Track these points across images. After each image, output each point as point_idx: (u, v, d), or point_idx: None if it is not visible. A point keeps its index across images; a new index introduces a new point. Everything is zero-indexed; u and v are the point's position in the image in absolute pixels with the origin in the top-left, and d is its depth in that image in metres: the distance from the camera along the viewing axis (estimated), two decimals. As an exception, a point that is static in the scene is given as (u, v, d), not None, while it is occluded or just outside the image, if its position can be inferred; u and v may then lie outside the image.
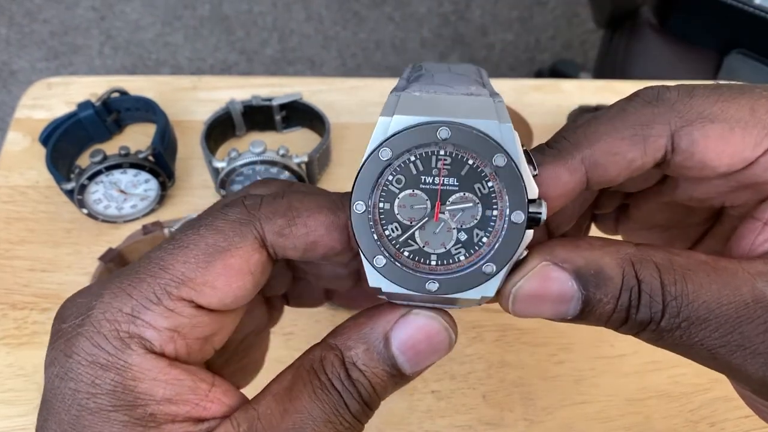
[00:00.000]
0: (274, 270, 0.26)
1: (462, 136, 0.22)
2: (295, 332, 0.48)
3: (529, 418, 0.44)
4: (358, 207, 0.22)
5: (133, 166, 0.52)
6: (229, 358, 0.29)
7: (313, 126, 0.61)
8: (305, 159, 0.53)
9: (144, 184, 0.54)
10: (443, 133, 0.22)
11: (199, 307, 0.23)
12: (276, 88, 0.63)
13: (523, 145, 0.22)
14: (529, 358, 0.47)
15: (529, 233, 0.22)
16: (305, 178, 0.54)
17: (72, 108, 0.58)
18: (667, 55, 0.91)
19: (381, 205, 0.22)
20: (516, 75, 1.66)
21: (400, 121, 0.22)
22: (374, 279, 0.22)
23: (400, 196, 0.22)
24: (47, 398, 0.22)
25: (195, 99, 0.64)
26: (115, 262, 0.50)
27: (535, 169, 0.22)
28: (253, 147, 0.52)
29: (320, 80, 0.65)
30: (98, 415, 0.21)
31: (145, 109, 0.60)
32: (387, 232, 0.22)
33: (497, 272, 0.22)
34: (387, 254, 0.22)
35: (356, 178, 0.22)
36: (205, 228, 0.23)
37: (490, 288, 0.22)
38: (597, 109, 0.59)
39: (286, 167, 0.52)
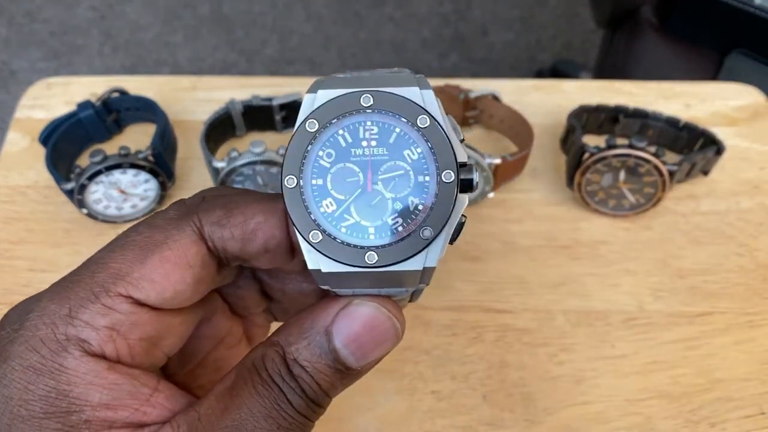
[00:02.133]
0: (227, 278, 0.26)
1: (385, 100, 0.22)
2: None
3: (530, 419, 0.44)
4: (289, 182, 0.22)
5: (132, 166, 0.52)
6: (196, 371, 0.28)
7: (313, 126, 0.60)
8: (305, 159, 0.53)
9: (144, 184, 0.54)
10: (366, 99, 0.22)
11: (139, 303, 0.22)
12: (276, 88, 0.63)
13: (447, 113, 0.23)
14: (530, 358, 0.47)
15: (463, 197, 0.22)
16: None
17: (72, 108, 0.58)
18: (667, 54, 0.90)
19: (313, 181, 0.22)
20: (516, 75, 1.66)
21: (324, 95, 0.22)
22: (313, 259, 0.22)
23: (332, 170, 0.22)
24: None
25: (195, 99, 0.64)
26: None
27: (460, 136, 0.22)
28: (253, 147, 0.52)
29: (320, 80, 0.65)
30: (30, 422, 0.20)
31: (145, 109, 0.60)
32: (322, 209, 0.22)
33: (436, 236, 0.22)
34: (323, 231, 0.22)
35: (285, 153, 0.22)
36: (143, 226, 0.23)
37: (431, 256, 0.22)
38: (597, 109, 0.59)
39: (286, 167, 0.52)
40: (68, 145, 0.57)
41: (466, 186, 0.22)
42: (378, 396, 0.45)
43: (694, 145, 0.58)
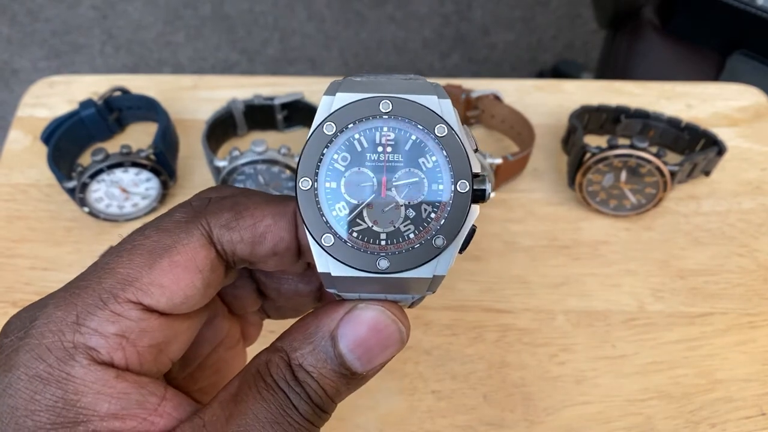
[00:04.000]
0: (230, 279, 0.25)
1: (403, 107, 0.22)
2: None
3: (530, 419, 0.44)
4: (304, 183, 0.22)
5: (134, 164, 0.52)
6: (195, 374, 0.28)
7: (315, 125, 0.61)
8: (306, 158, 0.53)
9: (145, 183, 0.54)
10: (385, 105, 0.22)
11: (148, 309, 0.22)
12: (277, 88, 0.63)
13: (462, 123, 0.23)
14: (530, 358, 0.47)
15: (475, 207, 0.22)
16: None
17: (74, 107, 0.58)
18: (669, 55, 0.90)
19: (327, 184, 0.22)
20: (518, 75, 1.66)
21: (342, 98, 0.22)
22: (323, 262, 0.22)
23: (346, 174, 0.22)
24: None
25: (196, 98, 0.64)
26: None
27: (474, 145, 0.22)
28: (255, 146, 0.52)
29: (322, 80, 0.65)
30: None
31: (147, 108, 0.60)
32: (335, 212, 0.22)
33: (447, 245, 0.22)
34: (335, 234, 0.22)
35: (300, 154, 0.22)
36: (151, 229, 0.23)
37: (442, 265, 0.22)
38: (599, 109, 0.59)
39: (288, 166, 0.52)
40: (70, 143, 0.57)
41: (478, 196, 0.22)
42: (378, 395, 0.45)
43: (696, 146, 0.58)
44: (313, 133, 0.22)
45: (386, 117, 0.22)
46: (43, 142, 0.56)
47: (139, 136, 0.61)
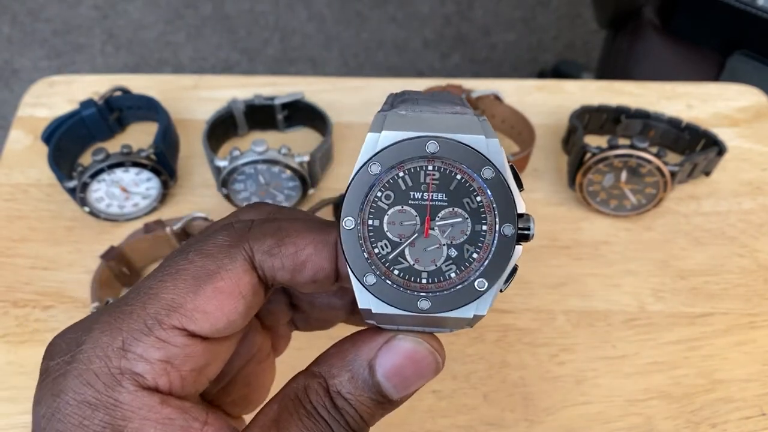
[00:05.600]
0: (268, 297, 0.25)
1: (450, 149, 0.22)
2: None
3: (530, 419, 0.44)
4: (348, 223, 0.22)
5: (135, 164, 0.52)
6: (227, 388, 0.28)
7: (315, 125, 0.61)
8: (307, 158, 0.53)
9: (146, 183, 0.54)
10: (432, 146, 0.22)
11: (192, 335, 0.22)
12: (278, 88, 0.63)
13: (509, 160, 0.22)
14: (531, 358, 0.47)
15: (519, 249, 0.22)
16: (307, 177, 0.54)
17: (74, 106, 0.58)
18: (669, 55, 0.90)
19: (370, 222, 0.22)
20: (518, 75, 1.66)
21: (388, 137, 0.22)
22: (364, 299, 0.22)
23: (389, 212, 0.22)
24: None
25: (197, 98, 0.64)
26: (116, 261, 0.50)
27: (521, 186, 0.22)
28: (255, 146, 0.52)
29: (322, 80, 0.65)
30: None
31: (147, 108, 0.60)
32: (377, 250, 0.22)
33: (489, 288, 0.22)
34: (377, 272, 0.22)
35: (345, 193, 0.22)
36: (194, 253, 0.23)
37: (482, 305, 0.22)
38: (599, 109, 0.59)
39: (288, 166, 0.52)
40: (70, 143, 0.57)
41: (522, 237, 0.22)
42: (379, 395, 0.45)
43: (696, 146, 0.58)
44: (358, 172, 0.22)
45: (432, 156, 0.22)
46: (43, 141, 0.56)
47: (140, 135, 0.61)
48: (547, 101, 0.64)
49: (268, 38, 1.71)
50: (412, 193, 0.22)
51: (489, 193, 0.22)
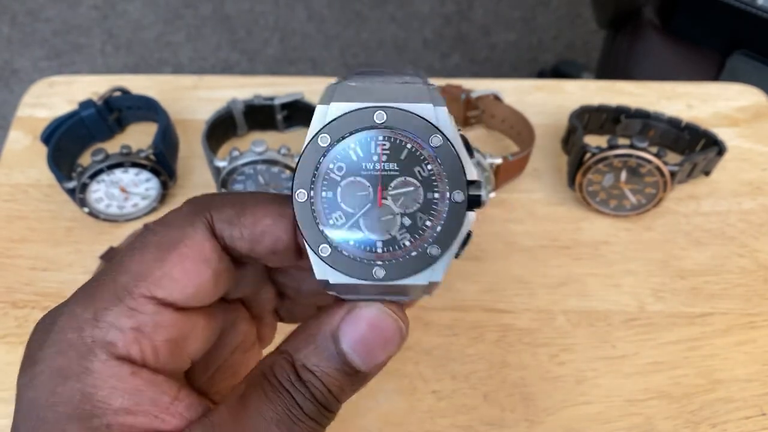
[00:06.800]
0: (248, 282, 0.26)
1: (398, 118, 0.22)
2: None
3: (530, 419, 0.44)
4: (300, 195, 0.22)
5: (134, 165, 0.52)
6: (214, 377, 0.28)
7: (315, 125, 0.61)
8: (307, 158, 0.53)
9: (145, 183, 0.54)
10: (380, 117, 0.22)
11: (162, 303, 0.22)
12: (278, 88, 0.63)
13: (458, 129, 0.23)
14: (531, 358, 0.47)
15: (471, 215, 0.22)
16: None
17: (74, 107, 0.58)
18: (669, 55, 0.90)
19: (324, 194, 0.22)
20: (518, 75, 1.66)
21: (337, 108, 0.22)
22: (320, 270, 0.22)
23: (342, 184, 0.22)
24: (15, 409, 0.21)
25: (196, 98, 0.64)
26: (116, 261, 0.49)
27: (471, 154, 0.23)
28: (255, 146, 0.52)
29: (322, 80, 0.65)
30: (54, 426, 0.20)
31: (147, 108, 0.60)
32: (331, 221, 0.22)
33: (442, 254, 0.22)
34: (331, 244, 0.22)
35: (296, 166, 0.22)
36: (159, 225, 0.24)
37: (437, 272, 0.22)
38: (599, 109, 0.59)
39: (288, 167, 0.52)
40: (70, 143, 0.57)
41: (473, 203, 0.22)
42: (379, 396, 0.45)
43: (696, 146, 0.58)
44: (308, 144, 0.22)
45: (381, 126, 0.22)
46: (43, 142, 0.56)
47: (139, 136, 0.61)
48: (547, 101, 0.64)
49: (268, 38, 1.71)
50: (363, 163, 0.22)
51: (438, 160, 0.22)
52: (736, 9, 0.81)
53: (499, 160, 0.52)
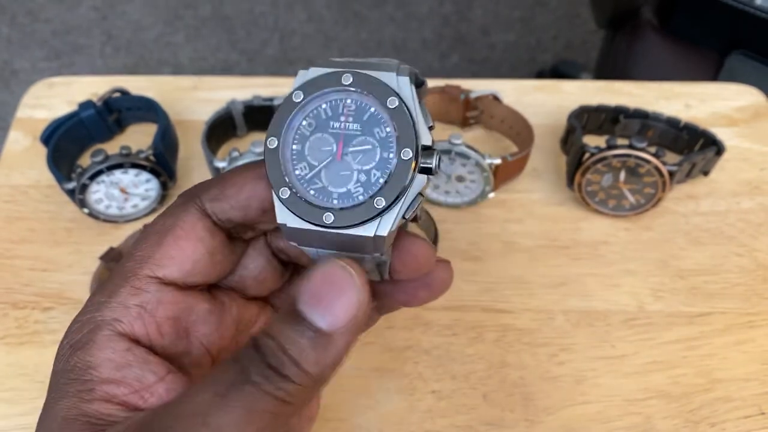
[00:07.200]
0: (245, 251, 0.28)
1: (362, 81, 0.24)
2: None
3: (530, 419, 0.44)
4: (271, 142, 0.25)
5: (134, 165, 0.52)
6: None
7: (314, 126, 0.61)
8: (306, 159, 0.53)
9: (145, 184, 0.54)
10: (346, 78, 0.24)
11: (164, 282, 0.25)
12: (277, 88, 0.63)
13: (421, 101, 0.25)
14: (530, 358, 0.47)
15: (422, 177, 0.24)
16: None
17: (73, 108, 0.58)
18: (668, 55, 0.90)
19: (294, 146, 0.25)
20: (517, 75, 1.66)
21: (314, 71, 0.25)
22: (281, 214, 0.24)
23: (311, 138, 0.25)
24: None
25: (196, 99, 0.64)
26: (116, 262, 0.50)
27: (429, 122, 0.25)
28: (254, 147, 0.52)
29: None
30: (62, 388, 0.23)
31: (147, 109, 0.60)
32: (297, 171, 0.25)
33: (388, 206, 0.24)
34: (293, 189, 0.24)
35: (273, 118, 0.25)
36: (158, 217, 0.26)
37: (383, 226, 0.24)
38: (598, 109, 0.59)
39: (287, 167, 0.52)
40: (70, 144, 0.57)
41: (425, 169, 0.24)
42: (378, 396, 0.45)
43: (695, 146, 0.58)
44: (284, 100, 0.25)
45: (350, 90, 0.24)
46: (42, 143, 0.56)
47: (139, 137, 0.61)
48: (546, 101, 0.64)
49: (268, 39, 1.71)
50: (331, 122, 0.25)
51: (394, 121, 0.24)
52: (734, 9, 0.81)
53: (498, 161, 0.52)
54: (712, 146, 0.55)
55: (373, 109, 0.24)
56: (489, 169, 0.52)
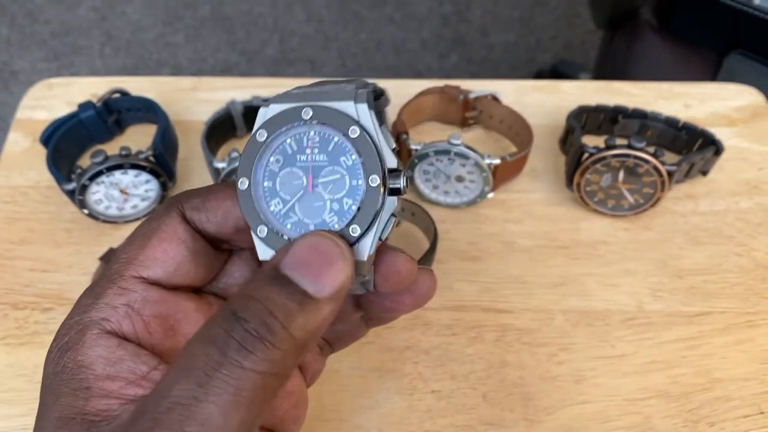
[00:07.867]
0: (225, 261, 0.29)
1: (322, 114, 0.25)
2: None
3: (530, 418, 0.44)
4: (242, 183, 0.25)
5: (134, 166, 0.52)
6: None
7: (314, 126, 0.61)
8: (306, 159, 0.53)
9: (145, 185, 0.54)
10: (306, 113, 0.25)
11: (149, 282, 0.25)
12: (277, 89, 0.63)
13: (382, 125, 0.26)
14: (530, 358, 0.47)
15: (392, 199, 0.25)
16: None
17: (73, 108, 0.58)
18: (666, 55, 0.91)
19: (265, 183, 0.25)
20: (516, 75, 1.66)
21: (273, 109, 0.25)
22: (261, 251, 0.25)
23: (280, 174, 0.25)
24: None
25: (196, 99, 0.64)
26: (115, 263, 0.50)
27: (392, 145, 0.26)
28: (254, 147, 0.52)
29: (321, 80, 0.65)
30: (55, 390, 0.23)
31: (146, 110, 0.60)
32: (272, 207, 0.25)
33: (362, 234, 0.24)
34: (270, 226, 0.25)
35: (240, 159, 0.26)
36: (143, 221, 0.27)
37: (361, 251, 0.24)
38: (597, 109, 0.59)
39: (287, 167, 0.52)
40: (69, 145, 0.57)
41: (394, 191, 0.25)
42: (378, 396, 0.45)
43: (693, 146, 0.58)
44: (249, 140, 0.26)
45: (312, 123, 0.25)
46: (42, 144, 0.56)
47: (139, 137, 0.61)
48: (545, 101, 0.64)
49: (267, 39, 1.71)
50: (298, 156, 0.25)
51: (358, 150, 0.25)
52: (733, 9, 0.81)
53: (497, 161, 0.52)
54: (711, 146, 0.55)
55: (336, 139, 0.25)
56: (488, 170, 0.52)
